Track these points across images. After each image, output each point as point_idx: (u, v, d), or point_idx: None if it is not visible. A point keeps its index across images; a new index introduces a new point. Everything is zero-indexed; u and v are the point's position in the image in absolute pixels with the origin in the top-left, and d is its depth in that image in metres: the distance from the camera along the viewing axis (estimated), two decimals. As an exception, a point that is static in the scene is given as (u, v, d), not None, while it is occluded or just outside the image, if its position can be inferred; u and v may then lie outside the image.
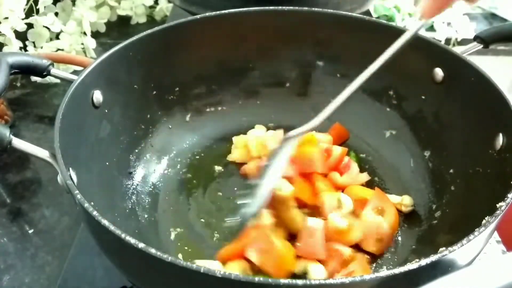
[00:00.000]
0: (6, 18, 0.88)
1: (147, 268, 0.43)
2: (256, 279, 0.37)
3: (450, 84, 0.65)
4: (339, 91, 0.60)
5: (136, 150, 0.69)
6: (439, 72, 0.66)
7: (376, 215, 0.61)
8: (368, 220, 0.60)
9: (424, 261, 0.39)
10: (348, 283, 0.38)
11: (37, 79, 0.94)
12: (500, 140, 0.56)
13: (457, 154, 0.64)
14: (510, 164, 0.53)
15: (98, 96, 0.61)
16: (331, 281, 0.39)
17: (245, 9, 0.72)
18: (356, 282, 0.38)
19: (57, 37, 0.99)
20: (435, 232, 0.61)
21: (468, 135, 0.63)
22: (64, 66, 0.93)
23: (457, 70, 0.64)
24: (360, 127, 0.75)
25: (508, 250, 0.66)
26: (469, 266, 0.34)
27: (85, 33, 1.00)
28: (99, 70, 0.61)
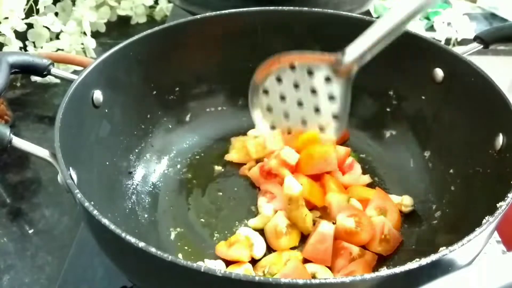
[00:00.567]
0: (6, 18, 0.88)
1: (147, 267, 0.43)
2: (256, 278, 0.37)
3: (450, 84, 0.65)
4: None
5: (136, 150, 0.69)
6: (439, 72, 0.66)
7: (379, 215, 0.61)
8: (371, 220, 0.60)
9: (424, 261, 0.39)
10: (348, 282, 0.38)
11: (37, 79, 0.94)
12: (500, 140, 0.56)
13: (457, 154, 0.64)
14: (510, 164, 0.53)
15: (98, 96, 0.61)
16: (331, 280, 0.39)
17: (245, 9, 0.72)
18: (356, 281, 0.38)
19: (57, 37, 0.99)
20: (435, 232, 0.61)
21: (468, 135, 0.63)
22: (64, 66, 0.93)
23: (457, 70, 0.64)
24: (360, 127, 0.75)
25: (508, 250, 0.66)
26: (469, 266, 0.34)
27: (85, 33, 1.00)
28: (99, 70, 0.61)
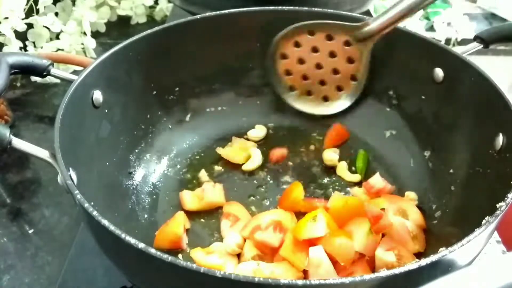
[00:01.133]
0: (6, 18, 0.88)
1: (147, 268, 0.43)
2: (256, 279, 0.37)
3: (450, 84, 0.65)
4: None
5: (136, 150, 0.69)
6: (439, 72, 0.66)
7: (401, 217, 0.60)
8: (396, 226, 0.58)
9: (423, 262, 0.39)
10: (348, 283, 0.38)
11: (37, 79, 0.94)
12: (500, 140, 0.56)
13: (457, 154, 0.64)
14: (510, 164, 0.53)
15: (98, 96, 0.61)
16: (331, 281, 0.39)
17: (245, 9, 0.72)
18: (356, 282, 0.37)
19: (57, 37, 0.99)
20: (435, 232, 0.61)
21: (468, 135, 0.63)
22: (64, 66, 0.93)
23: (457, 70, 0.64)
24: (360, 127, 0.75)
25: (508, 250, 0.66)
26: (469, 266, 0.34)
27: (85, 33, 1.00)
28: (99, 70, 0.61)
